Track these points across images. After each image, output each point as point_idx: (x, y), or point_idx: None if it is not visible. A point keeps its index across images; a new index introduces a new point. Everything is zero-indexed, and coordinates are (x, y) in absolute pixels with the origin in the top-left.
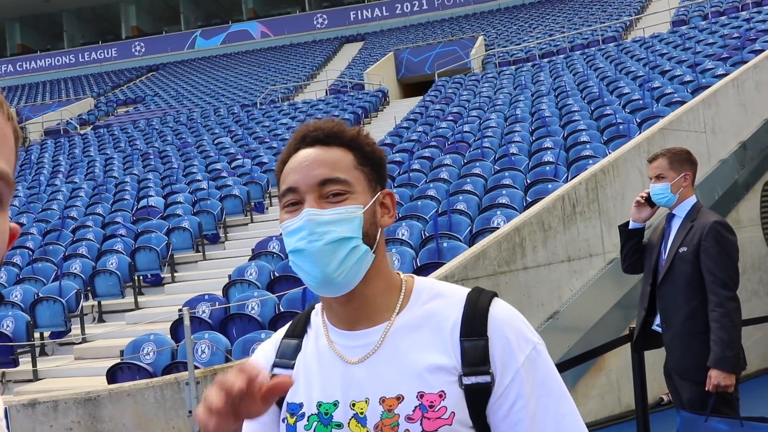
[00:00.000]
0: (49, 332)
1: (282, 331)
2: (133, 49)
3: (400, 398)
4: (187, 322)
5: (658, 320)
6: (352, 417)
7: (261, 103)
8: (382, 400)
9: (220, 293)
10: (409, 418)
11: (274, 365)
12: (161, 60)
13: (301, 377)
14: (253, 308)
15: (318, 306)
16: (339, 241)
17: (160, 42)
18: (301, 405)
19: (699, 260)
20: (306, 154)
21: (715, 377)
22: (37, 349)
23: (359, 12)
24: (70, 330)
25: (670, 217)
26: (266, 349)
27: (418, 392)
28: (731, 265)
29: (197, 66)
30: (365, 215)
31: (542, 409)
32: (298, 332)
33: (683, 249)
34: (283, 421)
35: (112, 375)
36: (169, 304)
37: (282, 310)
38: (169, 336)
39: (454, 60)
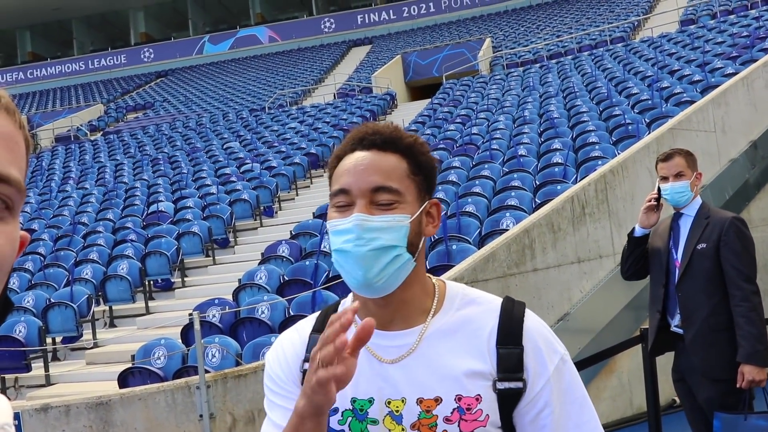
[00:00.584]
0: (61, 337)
1: (307, 324)
2: (142, 56)
3: (438, 400)
4: (197, 326)
5: (676, 321)
6: (387, 414)
7: (269, 107)
8: (420, 401)
9: (230, 297)
10: (447, 420)
11: (306, 360)
12: (170, 66)
13: None
14: (263, 312)
15: (346, 301)
16: (384, 249)
17: (168, 48)
18: None
19: (719, 256)
20: (362, 156)
21: (749, 372)
22: (50, 354)
23: (366, 16)
24: (81, 335)
25: (678, 216)
26: (294, 344)
27: (456, 395)
28: (752, 260)
29: (206, 71)
30: (411, 225)
31: (565, 415)
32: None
33: (702, 245)
34: None
35: (124, 379)
36: (180, 309)
37: (292, 313)
38: (180, 340)
39: (462, 62)
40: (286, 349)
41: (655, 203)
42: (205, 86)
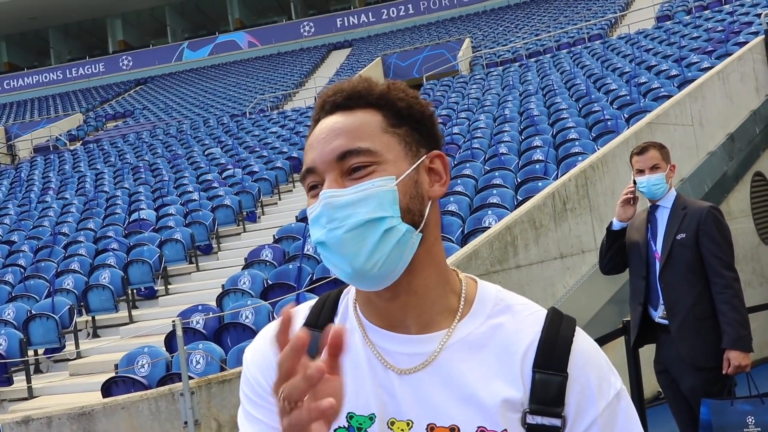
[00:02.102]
0: (43, 349)
1: (298, 314)
2: (120, 64)
3: (454, 429)
4: (179, 332)
5: (660, 312)
6: None
7: (250, 112)
8: (431, 428)
9: (214, 303)
10: None
11: None
12: (149, 73)
13: None
14: (247, 317)
15: (349, 291)
16: (365, 225)
17: (147, 55)
18: None
19: (698, 245)
20: (324, 124)
21: (735, 358)
22: (32, 367)
23: (346, 18)
24: (64, 346)
25: (654, 208)
26: None
27: (479, 427)
28: (730, 248)
29: (185, 78)
30: (401, 187)
31: None
32: (323, 322)
33: (681, 235)
34: None
35: (107, 389)
36: (164, 317)
37: (276, 317)
38: (164, 348)
39: (442, 63)
40: (259, 351)
41: (632, 196)
42: (185, 93)
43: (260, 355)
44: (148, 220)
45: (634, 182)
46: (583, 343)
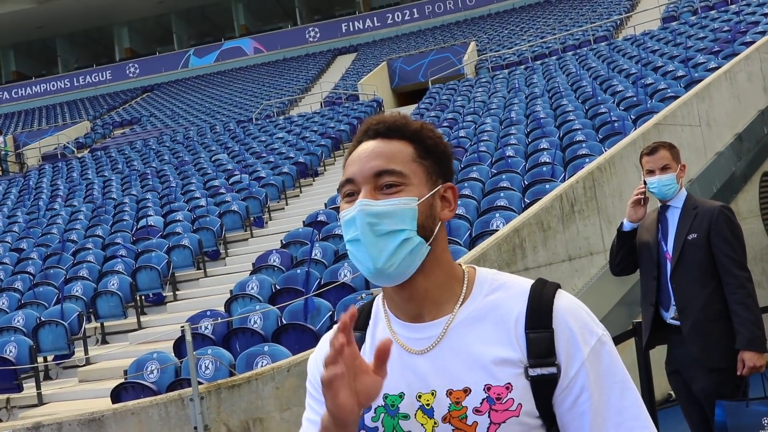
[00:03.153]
0: (53, 356)
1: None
2: (127, 71)
3: (467, 391)
4: (188, 337)
5: (671, 313)
6: (419, 408)
7: (256, 118)
8: (449, 393)
9: (222, 309)
10: (476, 411)
11: None
12: (156, 80)
13: None
14: (255, 322)
15: (380, 296)
16: (389, 234)
17: (153, 62)
18: None
19: (710, 245)
20: (366, 146)
21: (749, 359)
22: (41, 374)
23: (351, 24)
24: (73, 353)
25: (665, 209)
26: (327, 342)
27: (485, 385)
28: (742, 248)
29: (192, 84)
30: (420, 207)
31: (605, 400)
32: (361, 324)
33: (693, 235)
34: None
35: (117, 395)
36: (172, 323)
37: (284, 322)
38: (173, 354)
39: (447, 66)
40: (320, 352)
41: (642, 197)
42: (191, 99)
43: (315, 356)
44: (156, 227)
45: (645, 183)
46: (562, 300)
